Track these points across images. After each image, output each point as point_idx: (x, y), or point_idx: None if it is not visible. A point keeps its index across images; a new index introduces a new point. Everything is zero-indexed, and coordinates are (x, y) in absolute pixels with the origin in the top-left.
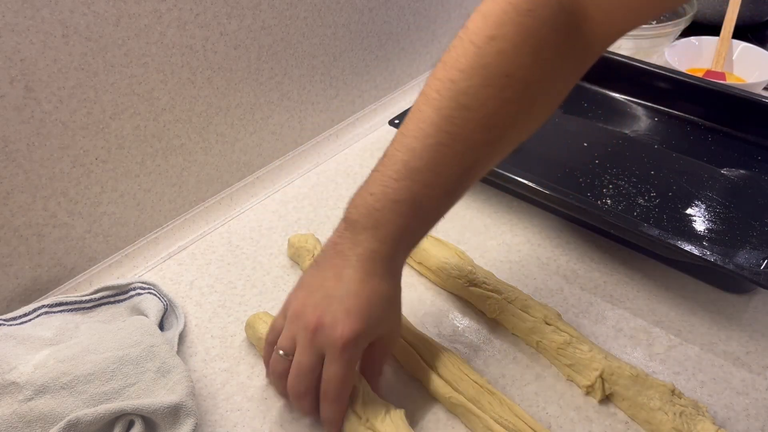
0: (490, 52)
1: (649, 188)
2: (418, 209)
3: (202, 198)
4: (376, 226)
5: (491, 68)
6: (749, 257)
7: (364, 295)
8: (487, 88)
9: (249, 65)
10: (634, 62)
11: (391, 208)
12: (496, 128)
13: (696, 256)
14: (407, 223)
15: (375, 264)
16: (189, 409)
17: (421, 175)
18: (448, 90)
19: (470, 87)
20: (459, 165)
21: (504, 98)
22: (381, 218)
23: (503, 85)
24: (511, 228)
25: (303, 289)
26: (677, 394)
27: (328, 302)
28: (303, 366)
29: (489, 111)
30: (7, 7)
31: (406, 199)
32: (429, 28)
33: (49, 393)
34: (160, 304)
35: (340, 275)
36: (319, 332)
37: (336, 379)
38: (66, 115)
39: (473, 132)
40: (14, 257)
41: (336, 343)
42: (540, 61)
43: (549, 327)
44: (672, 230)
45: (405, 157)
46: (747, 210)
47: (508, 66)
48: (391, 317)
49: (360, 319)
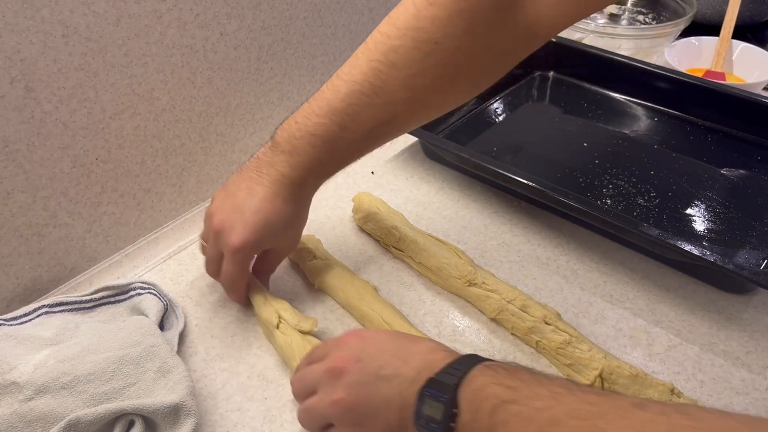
0: (426, 16)
1: (648, 188)
2: (331, 146)
3: (202, 198)
4: (292, 153)
5: (422, 32)
6: (749, 257)
7: (263, 212)
8: (414, 50)
9: (249, 65)
10: (634, 62)
11: (308, 140)
12: (416, 90)
13: (696, 256)
14: (320, 156)
15: (283, 187)
16: (189, 409)
17: (338, 117)
18: (383, 44)
19: (400, 46)
20: (375, 116)
21: (428, 64)
22: (297, 146)
23: (430, 50)
24: (511, 228)
25: (222, 191)
26: (676, 393)
27: (233, 211)
28: (209, 256)
29: (412, 72)
30: (7, 7)
31: (321, 135)
32: None
33: (49, 393)
34: (160, 304)
35: (251, 189)
36: (220, 235)
37: (226, 274)
38: (66, 115)
39: (395, 89)
40: (14, 257)
41: (228, 247)
42: (471, 35)
43: (548, 327)
44: (672, 230)
45: (330, 96)
46: (747, 210)
47: (438, 33)
48: (288, 234)
49: (253, 232)
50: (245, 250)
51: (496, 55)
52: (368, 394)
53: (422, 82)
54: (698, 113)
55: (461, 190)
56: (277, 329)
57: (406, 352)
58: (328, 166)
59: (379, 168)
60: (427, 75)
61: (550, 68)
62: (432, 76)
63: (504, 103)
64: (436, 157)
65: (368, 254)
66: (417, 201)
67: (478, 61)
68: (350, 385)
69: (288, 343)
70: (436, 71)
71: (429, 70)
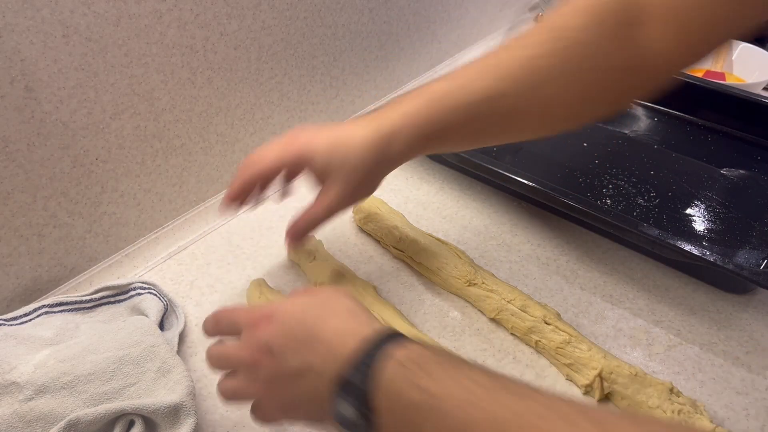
0: (561, 12)
1: (648, 188)
2: (437, 103)
3: (202, 198)
4: (394, 103)
5: (556, 25)
6: (749, 257)
7: (342, 129)
8: (541, 33)
9: (249, 65)
10: None
11: (413, 93)
12: (533, 70)
13: (696, 256)
14: (420, 107)
15: (372, 121)
16: (189, 409)
17: (447, 79)
18: None
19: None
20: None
21: (556, 48)
22: (400, 99)
23: (558, 36)
24: (511, 228)
25: None
26: (675, 392)
27: None
28: None
29: (535, 52)
30: (7, 7)
31: (430, 89)
32: (429, 28)
33: (49, 393)
34: (160, 304)
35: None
36: None
37: None
38: (66, 115)
39: (508, 63)
40: (15, 257)
41: None
42: (599, 32)
43: (548, 327)
44: (672, 230)
45: None
46: (747, 210)
47: (568, 23)
48: (349, 173)
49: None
50: None
51: (609, 75)
52: (285, 390)
53: (539, 63)
54: (698, 113)
55: (461, 190)
56: None
57: (313, 338)
58: (426, 126)
59: None
60: (549, 56)
61: None
62: (552, 61)
63: None
64: (436, 157)
65: (368, 254)
66: (417, 201)
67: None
68: (266, 381)
69: None
70: (560, 57)
71: (554, 55)
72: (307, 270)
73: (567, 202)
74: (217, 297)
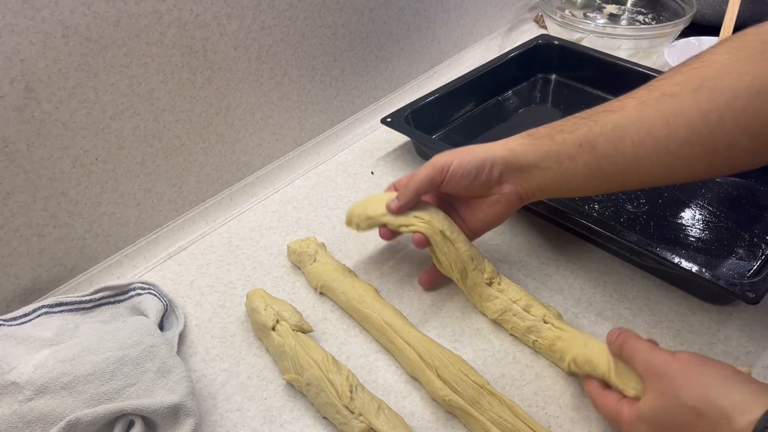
0: None
1: (638, 194)
2: None
3: (202, 198)
4: (536, 135)
5: None
6: (733, 269)
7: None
8: None
9: (249, 65)
10: (637, 66)
11: (551, 128)
12: None
13: (673, 264)
14: (557, 144)
15: (509, 150)
16: (189, 409)
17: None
18: None
19: None
20: None
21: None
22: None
23: None
24: (511, 228)
25: None
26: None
27: None
28: None
29: None
30: (7, 7)
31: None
32: (429, 28)
33: (49, 393)
34: (160, 304)
35: None
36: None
37: None
38: (66, 116)
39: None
40: (14, 257)
41: None
42: None
43: (545, 326)
44: (657, 237)
45: None
46: (737, 220)
47: None
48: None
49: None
50: None
51: None
52: None
53: None
54: None
55: None
56: (273, 331)
57: None
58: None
59: (378, 168)
60: None
61: (552, 71)
62: None
63: (506, 104)
64: (429, 158)
65: (368, 254)
66: None
67: None
68: None
69: (281, 344)
70: None
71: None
72: (308, 273)
73: (553, 205)
74: (217, 297)
